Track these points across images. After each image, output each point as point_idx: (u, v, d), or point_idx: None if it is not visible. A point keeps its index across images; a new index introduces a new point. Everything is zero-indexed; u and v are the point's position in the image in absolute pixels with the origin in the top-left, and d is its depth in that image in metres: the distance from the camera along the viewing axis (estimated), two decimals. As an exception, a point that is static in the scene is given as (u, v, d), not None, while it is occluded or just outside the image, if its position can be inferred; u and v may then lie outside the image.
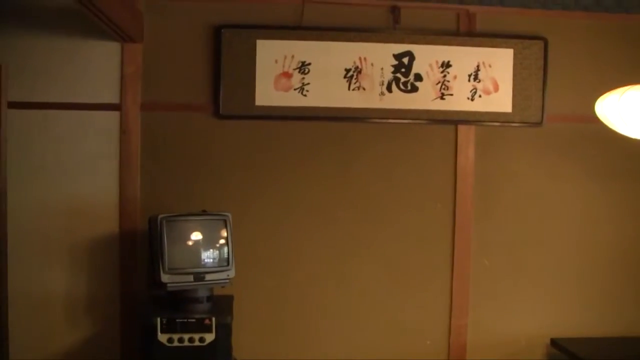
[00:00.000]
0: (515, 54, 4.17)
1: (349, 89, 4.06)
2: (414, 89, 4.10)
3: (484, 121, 4.19)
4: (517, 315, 4.31)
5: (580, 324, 4.35)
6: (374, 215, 4.17)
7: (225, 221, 3.65)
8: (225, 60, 3.96)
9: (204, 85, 3.99)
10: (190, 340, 3.42)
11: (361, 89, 4.06)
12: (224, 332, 3.49)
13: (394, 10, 4.10)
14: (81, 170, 3.93)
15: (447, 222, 4.22)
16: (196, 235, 3.60)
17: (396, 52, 4.09)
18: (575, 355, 4.03)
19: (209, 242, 3.62)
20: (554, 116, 4.24)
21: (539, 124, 4.23)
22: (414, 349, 4.22)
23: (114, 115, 3.92)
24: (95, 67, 3.92)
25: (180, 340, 3.41)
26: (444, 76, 4.12)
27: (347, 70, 4.05)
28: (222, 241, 3.63)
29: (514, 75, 4.17)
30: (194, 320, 3.45)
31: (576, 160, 4.32)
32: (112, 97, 3.92)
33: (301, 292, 4.13)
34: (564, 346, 4.15)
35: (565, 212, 4.34)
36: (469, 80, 4.14)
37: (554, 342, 4.25)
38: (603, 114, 3.35)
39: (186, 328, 3.43)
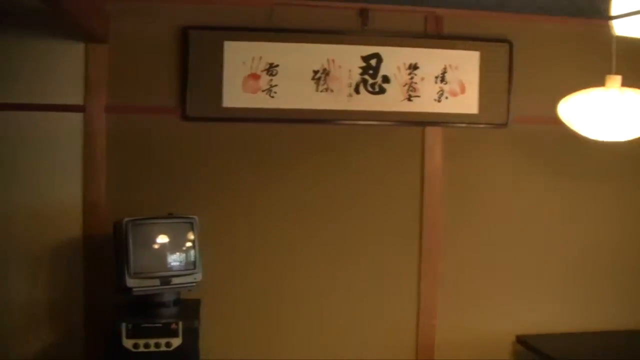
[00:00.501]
0: (481, 57, 4.06)
1: (317, 90, 3.88)
2: (382, 90, 3.95)
3: (451, 122, 4.07)
4: (485, 314, 4.22)
5: (545, 320, 4.28)
6: (342, 217, 4.02)
7: (192, 224, 3.46)
8: (192, 62, 3.75)
9: (171, 86, 3.78)
10: (157, 345, 3.23)
11: (329, 91, 3.89)
12: (191, 336, 3.31)
13: (362, 12, 3.94)
14: (43, 173, 3.70)
15: (415, 223, 4.10)
16: (162, 239, 3.41)
17: (364, 54, 3.93)
18: (539, 350, 4.01)
19: (176, 245, 3.44)
20: (519, 117, 4.15)
21: (504, 125, 4.13)
22: (382, 349, 4.09)
23: (78, 117, 3.70)
24: (60, 67, 3.68)
25: (146, 345, 3.22)
26: (412, 78, 3.97)
27: (315, 72, 3.88)
28: (189, 244, 3.45)
29: (480, 77, 4.06)
30: (160, 325, 3.26)
31: (541, 160, 4.25)
32: (76, 99, 3.69)
33: (270, 295, 3.96)
34: (528, 342, 4.12)
35: (530, 212, 4.26)
36: (436, 82, 4.01)
37: (520, 339, 4.19)
38: (565, 116, 3.29)
39: (152, 333, 3.23)
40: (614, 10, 1.87)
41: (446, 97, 4.03)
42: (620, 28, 1.87)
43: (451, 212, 4.14)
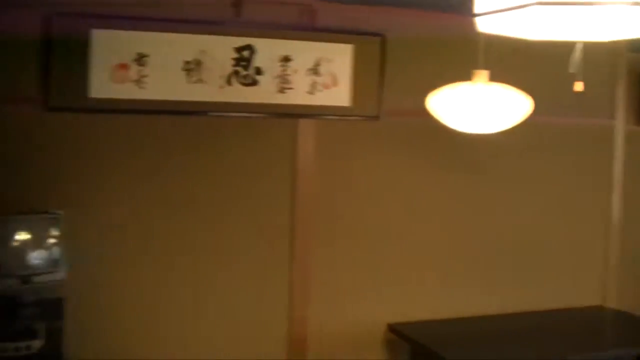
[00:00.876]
0: (354, 50, 4.00)
1: (188, 81, 3.70)
2: (255, 82, 3.82)
3: (324, 115, 4.00)
4: (358, 304, 4.18)
5: (416, 309, 4.30)
6: (214, 210, 3.86)
7: (55, 220, 3.22)
8: (57, 50, 3.49)
9: (34, 75, 3.49)
10: (16, 349, 2.94)
11: (201, 82, 3.72)
12: (54, 337, 3.07)
13: (236, 3, 3.79)
14: None
15: (288, 215, 4.00)
16: (23, 236, 3.16)
17: (237, 46, 3.78)
18: (410, 338, 4.05)
19: (38, 242, 3.19)
20: (391, 110, 4.13)
21: (376, 117, 4.10)
22: (254, 343, 3.97)
23: None
24: None
25: (4, 349, 2.92)
26: (285, 70, 3.87)
27: (187, 63, 3.70)
28: (52, 241, 3.21)
29: (353, 70, 4.00)
30: (19, 327, 3.01)
31: (412, 152, 4.26)
32: None
33: (140, 291, 3.75)
34: (399, 330, 4.14)
35: (401, 203, 4.27)
36: (309, 75, 3.92)
37: (391, 328, 4.20)
38: (434, 109, 3.30)
39: (10, 336, 2.96)
40: (477, 8, 1.83)
41: (319, 90, 3.96)
42: (485, 25, 1.84)
43: (324, 203, 4.08)
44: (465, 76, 3.20)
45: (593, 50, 2.73)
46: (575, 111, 4.64)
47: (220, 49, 3.77)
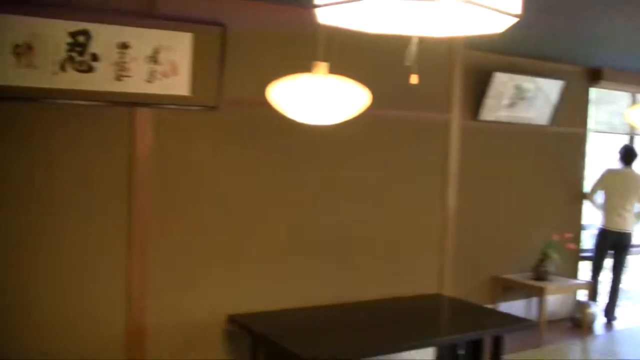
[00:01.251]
0: (194, 39, 3.95)
1: (18, 66, 3.51)
2: (90, 69, 3.69)
3: (163, 104, 3.94)
4: (198, 296, 4.18)
5: (257, 299, 4.37)
6: (46, 200, 3.72)
7: None
8: None
9: None
10: None
11: (32, 67, 3.54)
12: None
13: (72, -15, 3.66)
14: None
15: (124, 206, 3.92)
16: None
17: (71, 30, 3.62)
18: (250, 328, 4.12)
19: None
20: (231, 100, 4.14)
21: (216, 107, 4.09)
22: (90, 338, 3.87)
23: None
24: None
25: None
26: (122, 57, 3.76)
27: (17, 46, 3.50)
28: None
29: (193, 59, 3.96)
30: None
31: (251, 142, 4.32)
32: None
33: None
34: (239, 321, 4.20)
35: (240, 194, 4.30)
36: (148, 63, 3.84)
37: (231, 318, 4.25)
38: (275, 99, 3.35)
39: None
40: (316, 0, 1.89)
41: (158, 79, 3.88)
42: (325, 17, 1.91)
43: (163, 195, 4.03)
44: (307, 68, 3.26)
45: (431, 47, 2.85)
46: (413, 105, 4.86)
47: (53, 33, 3.59)
